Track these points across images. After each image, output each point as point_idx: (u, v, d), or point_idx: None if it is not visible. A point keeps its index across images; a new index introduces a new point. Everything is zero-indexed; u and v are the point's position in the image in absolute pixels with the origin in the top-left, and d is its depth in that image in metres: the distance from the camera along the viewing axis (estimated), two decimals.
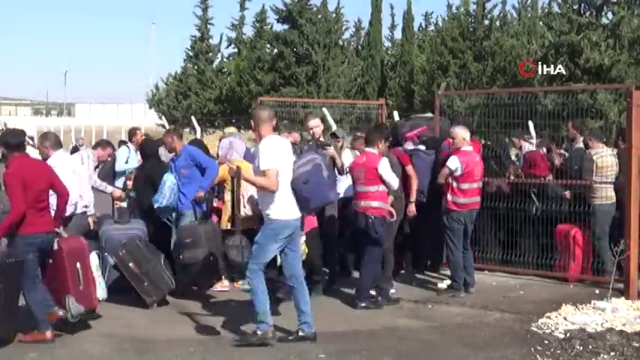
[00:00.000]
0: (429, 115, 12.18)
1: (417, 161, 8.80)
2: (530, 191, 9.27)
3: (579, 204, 8.92)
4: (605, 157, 8.84)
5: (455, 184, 8.23)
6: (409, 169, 8.47)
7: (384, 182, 7.62)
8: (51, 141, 7.72)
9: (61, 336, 6.47)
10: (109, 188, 9.30)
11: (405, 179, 8.31)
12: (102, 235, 8.21)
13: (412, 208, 8.45)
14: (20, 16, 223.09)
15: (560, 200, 9.26)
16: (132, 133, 12.09)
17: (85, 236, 7.48)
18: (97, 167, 10.09)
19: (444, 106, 10.82)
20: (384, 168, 7.63)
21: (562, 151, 10.22)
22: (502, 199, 9.29)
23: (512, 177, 9.47)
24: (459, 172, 8.20)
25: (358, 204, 7.71)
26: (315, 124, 8.58)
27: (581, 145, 9.69)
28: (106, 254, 7.80)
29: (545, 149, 10.64)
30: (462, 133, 8.43)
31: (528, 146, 10.28)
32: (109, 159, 10.69)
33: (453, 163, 8.18)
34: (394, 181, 7.71)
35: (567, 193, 9.24)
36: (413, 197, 8.43)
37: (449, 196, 8.25)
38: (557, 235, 9.08)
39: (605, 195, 8.81)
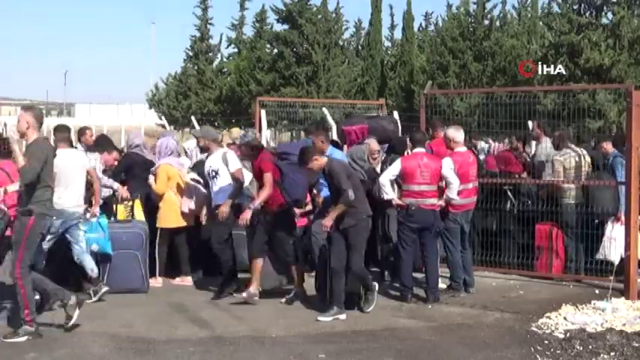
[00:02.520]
0: (373, 114, 12.06)
1: (287, 168, 7.87)
2: (504, 189, 9.36)
3: (549, 203, 9.07)
4: (570, 158, 9.03)
5: None
6: (267, 175, 7.72)
7: (445, 181, 7.99)
8: None
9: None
10: (116, 184, 9.07)
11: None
12: None
13: (246, 215, 7.75)
14: (20, 16, 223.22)
15: (535, 198, 9.40)
16: (81, 132, 10.78)
17: None
18: None
19: (443, 105, 10.81)
20: (447, 168, 8.00)
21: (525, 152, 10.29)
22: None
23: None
24: None
25: (424, 202, 7.87)
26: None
27: (544, 144, 9.77)
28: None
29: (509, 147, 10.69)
30: (450, 133, 8.50)
31: (488, 146, 10.36)
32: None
33: (447, 165, 8.15)
34: (456, 180, 7.97)
35: (542, 193, 9.34)
36: (254, 204, 7.78)
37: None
38: (538, 234, 9.14)
39: (572, 195, 9.00)
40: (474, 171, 8.55)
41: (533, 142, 10.81)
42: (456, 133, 8.49)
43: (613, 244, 8.57)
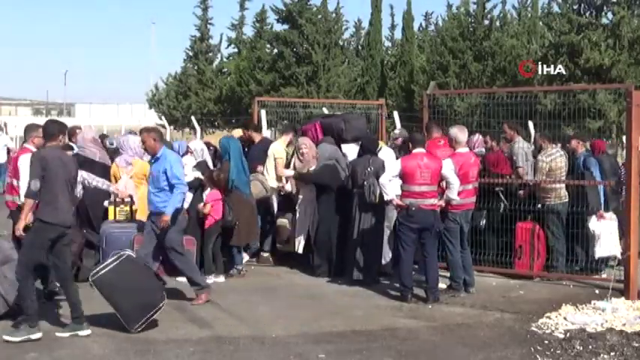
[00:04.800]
0: (328, 113, 12.17)
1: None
2: (496, 190, 9.33)
3: (531, 203, 9.13)
4: (557, 158, 9.06)
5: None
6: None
7: (445, 181, 7.99)
8: None
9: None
10: (112, 187, 9.06)
11: None
12: (102, 233, 8.33)
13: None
14: (20, 16, 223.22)
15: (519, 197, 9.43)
16: (71, 132, 10.43)
17: None
18: None
19: (443, 105, 10.82)
20: (447, 169, 7.99)
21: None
22: None
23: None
24: None
25: (424, 202, 7.87)
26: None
27: (518, 145, 9.75)
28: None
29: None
30: (453, 133, 8.50)
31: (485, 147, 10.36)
32: None
33: (447, 166, 8.15)
34: (456, 181, 7.95)
35: (522, 193, 9.35)
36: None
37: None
38: (519, 233, 9.15)
39: (559, 195, 9.03)
40: (475, 172, 8.55)
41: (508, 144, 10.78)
42: (459, 134, 8.48)
43: (605, 241, 8.79)
